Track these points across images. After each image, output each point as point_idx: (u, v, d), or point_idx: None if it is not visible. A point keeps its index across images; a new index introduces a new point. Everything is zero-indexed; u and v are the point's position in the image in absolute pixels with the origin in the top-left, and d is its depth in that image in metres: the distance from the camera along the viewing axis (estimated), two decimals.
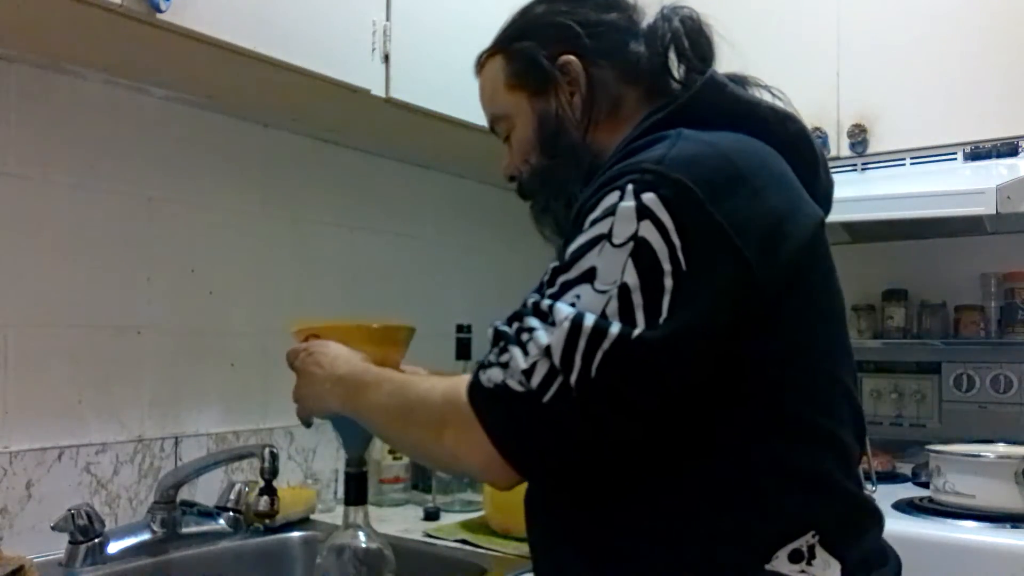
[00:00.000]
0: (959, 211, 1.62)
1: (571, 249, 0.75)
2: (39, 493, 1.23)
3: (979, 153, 1.71)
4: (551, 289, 0.75)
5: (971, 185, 1.61)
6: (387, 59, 1.40)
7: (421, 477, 1.67)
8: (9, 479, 1.20)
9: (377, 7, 1.39)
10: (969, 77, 1.71)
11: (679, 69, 0.92)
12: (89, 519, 1.16)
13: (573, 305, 0.72)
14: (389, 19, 1.40)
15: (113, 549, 1.19)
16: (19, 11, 1.08)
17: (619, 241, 0.73)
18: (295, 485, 1.55)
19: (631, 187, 0.74)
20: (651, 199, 0.73)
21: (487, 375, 0.74)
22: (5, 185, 1.23)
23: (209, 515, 1.33)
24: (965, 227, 1.90)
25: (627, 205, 0.73)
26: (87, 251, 1.33)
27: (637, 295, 0.71)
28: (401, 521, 1.51)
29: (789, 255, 0.76)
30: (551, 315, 0.72)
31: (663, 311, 0.70)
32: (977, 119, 1.71)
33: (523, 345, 0.72)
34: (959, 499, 1.53)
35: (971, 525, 1.45)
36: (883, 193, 1.73)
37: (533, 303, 0.75)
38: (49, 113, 1.28)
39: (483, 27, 1.03)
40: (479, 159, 1.29)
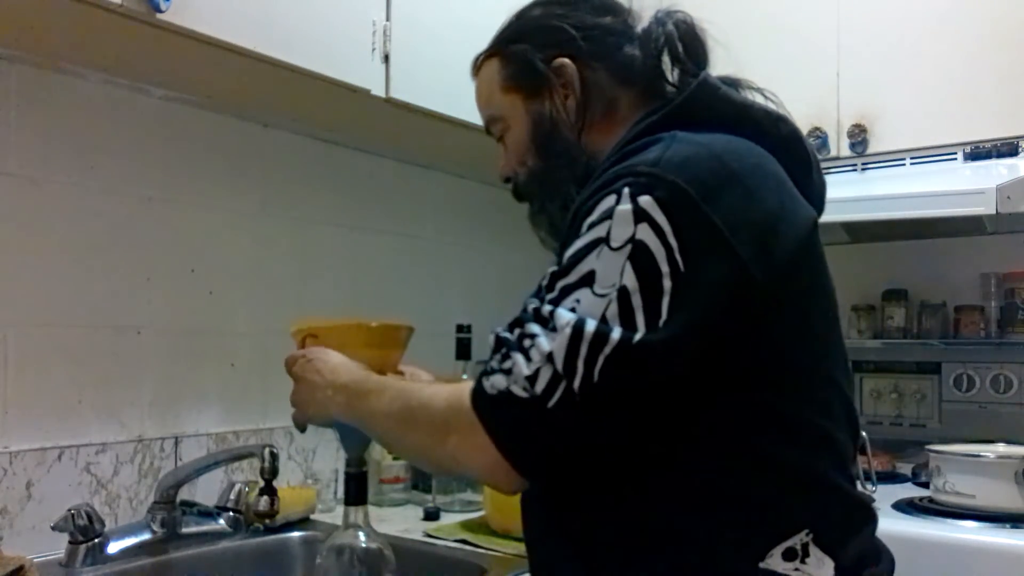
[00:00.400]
0: (959, 211, 1.62)
1: (569, 253, 0.76)
2: (39, 493, 1.23)
3: (979, 153, 1.71)
4: (551, 294, 0.75)
5: (971, 185, 1.61)
6: (387, 59, 1.40)
7: (421, 477, 1.67)
8: (9, 479, 1.20)
9: (377, 7, 1.39)
10: (969, 77, 1.71)
11: (673, 72, 0.92)
12: (89, 519, 1.16)
13: (573, 310, 0.72)
14: (389, 19, 1.40)
15: (113, 549, 1.19)
16: (19, 11, 1.08)
17: (617, 244, 0.73)
18: (295, 485, 1.55)
19: (627, 190, 0.74)
20: (647, 202, 0.73)
21: (490, 382, 0.74)
22: (5, 185, 1.23)
23: (209, 515, 1.33)
24: (965, 227, 1.90)
25: (624, 208, 0.74)
26: (87, 251, 1.33)
27: (636, 297, 0.71)
28: (401, 521, 1.51)
29: (783, 255, 0.77)
30: (552, 321, 0.73)
31: (663, 313, 0.71)
32: (977, 119, 1.71)
33: (525, 351, 0.73)
34: (959, 499, 1.53)
35: (971, 525, 1.45)
36: (883, 193, 1.73)
37: (534, 309, 0.75)
38: (49, 113, 1.28)
39: (483, 27, 1.03)
40: (479, 159, 1.29)
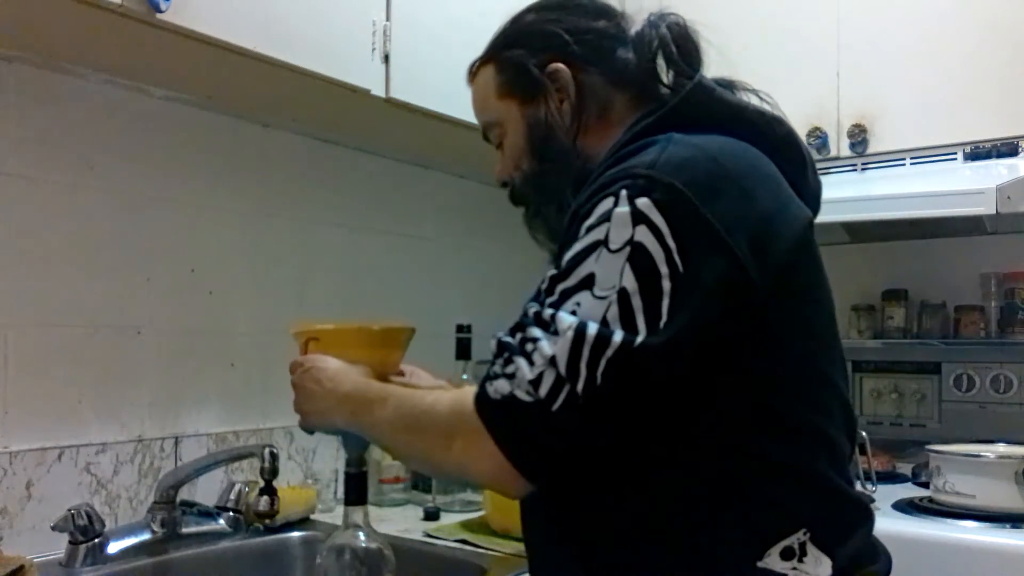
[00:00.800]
0: (959, 211, 1.62)
1: (568, 256, 0.76)
2: (39, 493, 1.23)
3: (979, 153, 1.71)
4: (551, 298, 0.75)
5: (971, 185, 1.61)
6: (387, 59, 1.40)
7: (421, 477, 1.67)
8: (9, 479, 1.20)
9: (377, 7, 1.39)
10: (969, 77, 1.71)
11: (667, 74, 0.93)
12: (89, 519, 1.16)
13: (574, 313, 0.72)
14: (389, 19, 1.40)
15: (113, 549, 1.19)
16: (19, 11, 1.08)
17: (616, 247, 0.73)
18: (295, 485, 1.55)
19: (625, 192, 0.74)
20: (645, 203, 0.73)
21: (494, 386, 0.74)
22: (5, 185, 1.23)
23: (209, 515, 1.33)
24: (965, 227, 1.90)
25: (622, 210, 0.74)
26: (87, 251, 1.33)
27: (636, 299, 0.71)
28: (401, 521, 1.51)
29: (779, 255, 0.77)
30: (554, 324, 0.73)
31: (663, 314, 0.71)
32: (977, 119, 1.71)
33: (528, 356, 0.73)
34: (959, 499, 1.53)
35: (971, 525, 1.45)
36: (883, 193, 1.73)
37: (535, 313, 0.75)
38: (49, 113, 1.28)
39: (483, 27, 1.03)
40: (479, 159, 1.29)
